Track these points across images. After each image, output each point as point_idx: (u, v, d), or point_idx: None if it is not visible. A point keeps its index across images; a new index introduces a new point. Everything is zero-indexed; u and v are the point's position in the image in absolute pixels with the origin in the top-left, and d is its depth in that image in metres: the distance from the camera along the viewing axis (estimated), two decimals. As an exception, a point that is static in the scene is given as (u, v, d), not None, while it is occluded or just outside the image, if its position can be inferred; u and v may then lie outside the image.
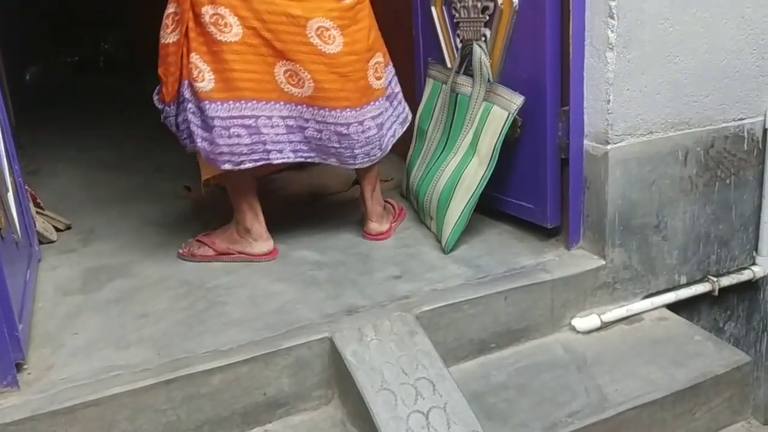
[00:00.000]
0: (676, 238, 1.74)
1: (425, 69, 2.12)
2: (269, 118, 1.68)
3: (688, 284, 1.79)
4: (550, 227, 1.79)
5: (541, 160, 1.74)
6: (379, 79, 1.75)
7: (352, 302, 1.58)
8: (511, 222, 1.92)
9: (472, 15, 1.86)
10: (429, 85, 2.07)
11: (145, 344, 1.44)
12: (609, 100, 1.58)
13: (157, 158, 2.89)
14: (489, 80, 1.78)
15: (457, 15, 1.93)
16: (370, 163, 1.81)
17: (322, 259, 1.83)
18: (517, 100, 1.69)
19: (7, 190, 1.58)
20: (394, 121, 1.86)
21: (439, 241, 1.85)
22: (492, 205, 1.93)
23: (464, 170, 1.80)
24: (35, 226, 1.94)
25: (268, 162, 1.71)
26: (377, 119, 1.74)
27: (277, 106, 1.68)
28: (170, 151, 3.01)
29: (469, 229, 1.82)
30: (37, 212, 2.04)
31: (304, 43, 1.63)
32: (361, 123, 1.71)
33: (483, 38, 1.83)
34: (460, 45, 1.92)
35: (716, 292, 1.80)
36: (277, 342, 1.42)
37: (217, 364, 1.35)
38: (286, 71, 1.66)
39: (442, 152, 1.95)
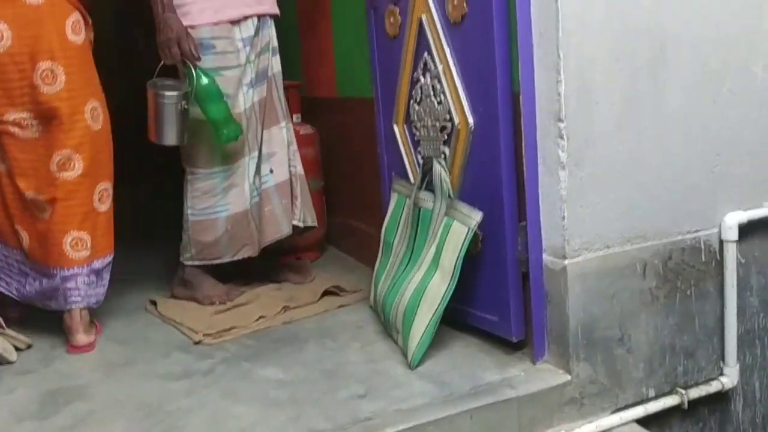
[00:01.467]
0: (640, 350, 1.73)
1: (390, 182, 2.17)
2: None
3: (656, 397, 1.77)
4: (515, 341, 1.78)
5: (502, 273, 1.75)
6: None
7: (313, 425, 1.54)
8: (477, 334, 1.91)
9: (431, 134, 1.93)
10: (394, 199, 2.11)
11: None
12: (564, 217, 1.61)
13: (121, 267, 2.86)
14: (449, 196, 1.82)
15: (417, 133, 1.99)
16: None
17: (286, 376, 1.79)
18: (476, 216, 1.72)
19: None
20: None
21: (405, 355, 1.83)
22: (458, 317, 1.92)
23: (428, 284, 1.80)
24: (-6, 347, 1.90)
25: None
26: None
27: None
28: (134, 261, 3.02)
29: (435, 341, 1.80)
30: (-2, 332, 2.00)
31: None
32: None
33: (443, 155, 1.89)
34: (421, 161, 1.98)
35: (686, 405, 1.78)
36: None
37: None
38: None
39: (407, 266, 1.96)
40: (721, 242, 1.80)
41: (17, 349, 2.05)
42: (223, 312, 2.23)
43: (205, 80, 2.12)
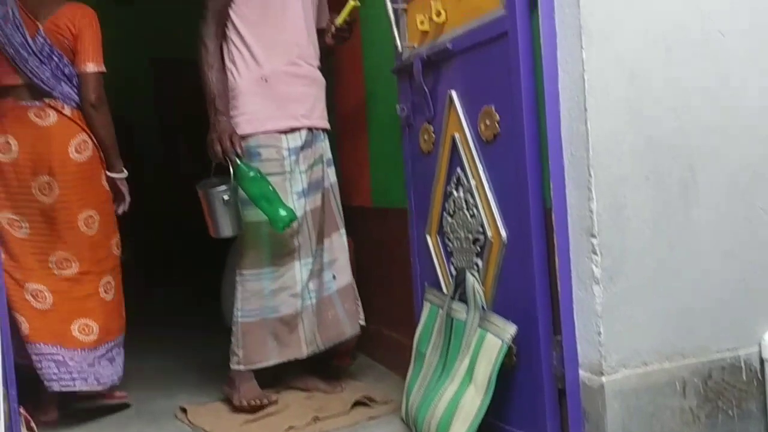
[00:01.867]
0: (683, 473, 1.67)
1: (423, 292, 2.18)
2: None
3: None
4: (552, 459, 1.73)
5: (538, 389, 1.73)
6: None
7: None
8: (513, 452, 1.86)
9: (464, 245, 1.96)
10: (426, 308, 2.12)
11: None
12: (600, 332, 1.60)
13: (148, 373, 2.90)
14: (483, 308, 1.83)
15: (450, 245, 2.03)
16: None
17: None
18: (510, 329, 1.72)
19: None
20: None
21: (437, 472, 1.78)
22: (492, 433, 1.88)
23: (462, 398, 1.78)
24: (24, 453, 1.90)
25: None
26: None
27: None
28: (162, 368, 3.03)
29: (469, 459, 1.76)
30: (30, 437, 2.00)
31: None
32: None
33: (476, 267, 1.91)
34: (454, 272, 2.00)
35: None
36: None
37: None
38: None
39: (440, 377, 1.94)
40: (761, 361, 1.76)
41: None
42: (253, 422, 2.21)
43: (248, 173, 2.22)
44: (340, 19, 2.40)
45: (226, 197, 2.22)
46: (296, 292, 2.35)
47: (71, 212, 2.35)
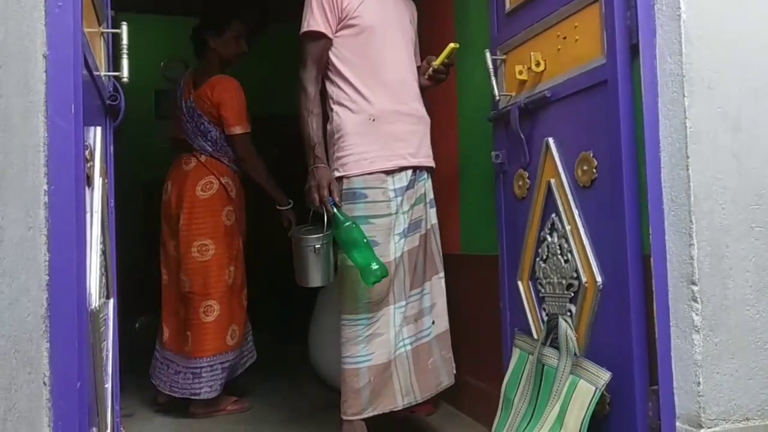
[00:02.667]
0: None
1: (512, 339, 2.18)
2: None
3: None
4: None
5: (632, 440, 1.68)
6: None
7: None
8: (602, 507, 1.80)
9: (557, 291, 1.96)
10: (516, 354, 2.11)
11: None
12: (699, 383, 1.56)
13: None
14: (575, 354, 1.81)
15: (542, 290, 2.03)
16: None
17: None
18: (604, 376, 1.69)
19: (106, 428, 1.66)
20: None
21: None
22: (581, 486, 1.83)
23: (551, 445, 1.75)
24: (122, 469, 1.99)
25: None
26: None
27: None
28: (257, 394, 3.13)
29: None
30: (126, 454, 2.10)
31: None
32: None
33: (568, 313, 1.90)
34: (546, 318, 1.99)
35: None
36: None
37: None
38: None
39: (528, 423, 1.92)
40: None
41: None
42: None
43: (344, 223, 2.19)
44: (438, 61, 2.37)
45: (318, 245, 2.23)
46: (389, 339, 2.27)
47: (188, 239, 2.90)
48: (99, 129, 1.70)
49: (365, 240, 2.19)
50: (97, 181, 1.62)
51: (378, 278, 2.15)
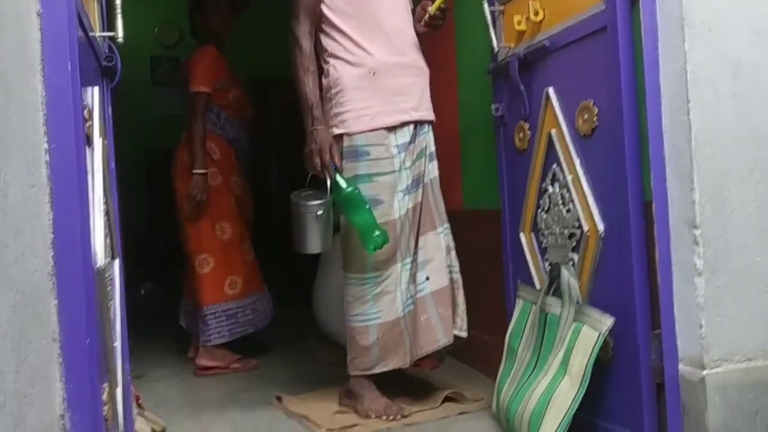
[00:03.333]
0: (789, 476, 1.61)
1: (515, 290, 2.19)
2: None
3: None
4: (649, 456, 1.70)
5: (635, 383, 1.71)
6: None
7: None
8: (607, 449, 1.84)
9: (559, 241, 1.97)
10: (519, 305, 2.13)
11: None
12: (701, 325, 1.58)
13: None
14: (578, 301, 1.83)
15: (544, 241, 2.04)
16: None
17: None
18: (607, 321, 1.71)
19: (117, 385, 1.68)
20: None
21: (529, 465, 1.78)
22: (586, 430, 1.86)
23: (556, 389, 1.78)
24: (134, 425, 2.02)
25: None
26: None
27: None
28: (265, 354, 3.18)
29: (562, 454, 1.75)
30: (138, 413, 2.13)
31: None
32: None
33: (571, 262, 1.92)
34: (548, 268, 2.01)
35: None
36: None
37: None
38: None
39: (533, 371, 1.94)
40: None
41: (153, 431, 2.16)
42: (345, 413, 2.27)
43: (346, 189, 2.13)
44: (435, 6, 2.27)
45: (320, 212, 2.15)
46: (397, 297, 2.23)
47: (181, 203, 3.09)
48: (96, 89, 1.70)
49: (367, 206, 2.14)
50: (97, 141, 1.62)
51: (379, 245, 2.12)
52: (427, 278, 2.32)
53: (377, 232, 2.12)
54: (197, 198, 2.98)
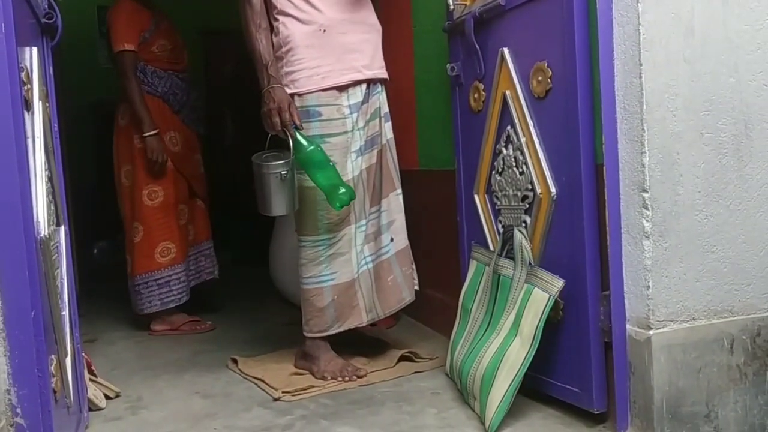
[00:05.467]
0: (728, 429, 1.68)
1: (469, 251, 2.21)
2: None
3: (745, 480, 1.70)
4: (597, 413, 1.75)
5: (584, 343, 1.75)
6: None
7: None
8: (557, 405, 1.89)
9: (512, 203, 1.98)
10: (472, 266, 2.15)
11: None
12: (648, 286, 1.62)
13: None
14: (530, 263, 1.85)
15: (498, 203, 2.05)
16: None
17: (363, 437, 1.82)
18: (557, 283, 1.74)
19: (66, 355, 1.66)
20: None
21: (482, 422, 1.82)
22: (537, 387, 1.91)
23: (507, 350, 1.81)
24: (87, 393, 2.00)
25: None
26: None
27: None
28: (221, 314, 3.18)
29: (513, 412, 1.80)
30: (90, 379, 2.11)
31: None
32: None
33: (524, 224, 1.93)
34: (501, 230, 2.02)
35: (778, 491, 1.70)
36: None
37: None
38: None
39: (485, 332, 1.98)
40: (812, 321, 1.75)
41: (107, 397, 2.15)
42: (300, 374, 2.28)
43: (307, 147, 2.09)
44: None
45: (284, 172, 2.10)
46: (351, 258, 2.25)
47: (118, 167, 3.09)
48: (35, 49, 1.62)
49: (330, 163, 2.11)
50: (37, 105, 1.55)
51: (345, 202, 2.09)
52: (392, 239, 2.36)
53: (342, 189, 2.09)
54: (158, 159, 2.89)
